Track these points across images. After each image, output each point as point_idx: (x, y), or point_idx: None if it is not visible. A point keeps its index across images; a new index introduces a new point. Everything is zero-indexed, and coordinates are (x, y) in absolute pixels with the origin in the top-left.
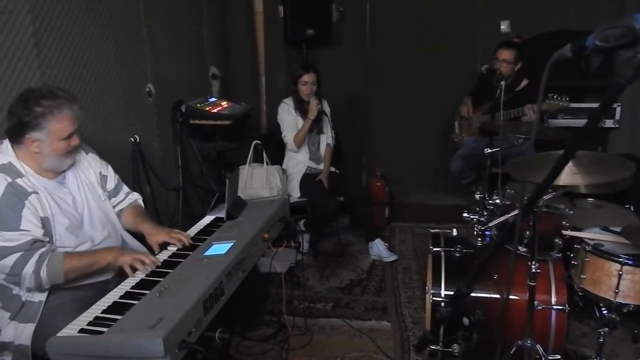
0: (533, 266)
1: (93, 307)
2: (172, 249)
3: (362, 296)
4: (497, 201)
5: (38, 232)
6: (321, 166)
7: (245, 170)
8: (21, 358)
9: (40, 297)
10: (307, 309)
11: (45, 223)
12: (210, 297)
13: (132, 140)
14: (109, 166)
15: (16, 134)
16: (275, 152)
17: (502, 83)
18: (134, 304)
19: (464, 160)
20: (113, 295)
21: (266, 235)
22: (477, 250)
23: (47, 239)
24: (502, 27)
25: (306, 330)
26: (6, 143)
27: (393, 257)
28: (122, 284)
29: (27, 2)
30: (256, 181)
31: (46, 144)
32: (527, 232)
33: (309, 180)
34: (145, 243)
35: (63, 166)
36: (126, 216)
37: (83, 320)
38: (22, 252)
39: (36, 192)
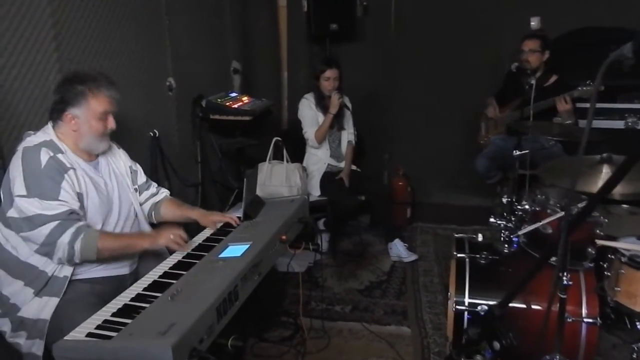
0: (565, 278)
1: (103, 309)
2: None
3: (382, 299)
4: (527, 207)
5: (75, 205)
6: (342, 164)
7: (264, 167)
8: (36, 336)
9: (66, 272)
10: (325, 311)
11: (79, 199)
12: (224, 302)
13: (151, 135)
14: (138, 164)
15: (57, 111)
16: (296, 148)
17: (532, 82)
18: (145, 308)
19: (490, 159)
20: (124, 297)
21: (284, 237)
22: (504, 257)
23: (82, 213)
24: (532, 23)
25: (323, 333)
26: (48, 125)
27: (413, 257)
28: (135, 285)
29: None
30: (275, 179)
31: (83, 121)
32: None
33: (329, 178)
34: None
35: (99, 148)
36: (166, 207)
37: (92, 323)
38: (59, 221)
39: (74, 169)
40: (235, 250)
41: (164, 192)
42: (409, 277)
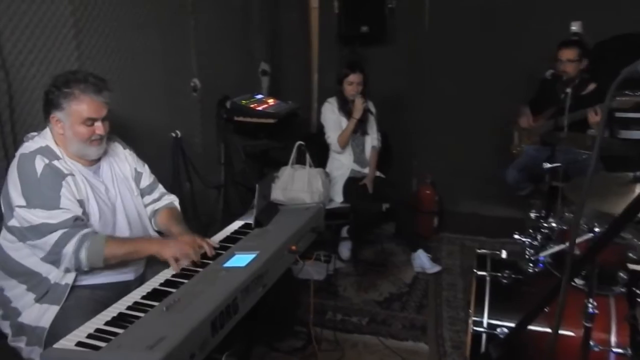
0: (590, 305)
1: (98, 316)
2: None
3: (401, 312)
4: (553, 224)
5: (78, 211)
6: (366, 170)
7: (286, 172)
8: (35, 343)
9: (68, 280)
10: (340, 323)
11: (81, 205)
12: (220, 315)
13: (173, 135)
14: (146, 165)
15: (45, 112)
16: (323, 153)
17: (569, 91)
18: (139, 317)
19: (521, 170)
20: (121, 305)
21: (294, 247)
22: (528, 277)
23: (86, 219)
24: (572, 28)
25: (337, 345)
26: (47, 129)
27: (436, 268)
28: (134, 292)
29: None
30: (297, 183)
31: (67, 126)
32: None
33: (352, 184)
34: None
35: (89, 155)
36: (160, 217)
37: (84, 331)
38: (65, 230)
39: (72, 175)
40: (240, 259)
41: (167, 200)
42: (431, 290)
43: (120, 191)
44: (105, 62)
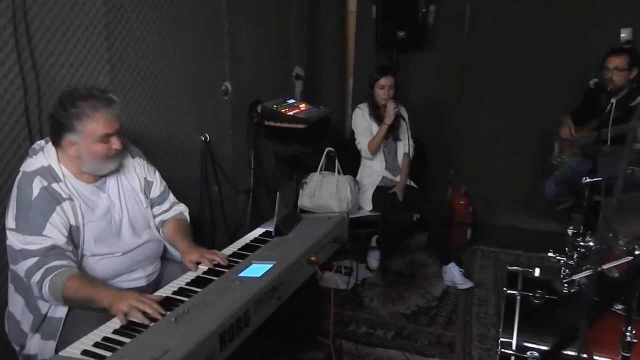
0: (628, 334)
1: (107, 323)
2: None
3: (429, 327)
4: (591, 244)
5: (60, 240)
6: (398, 178)
7: (315, 178)
8: (49, 338)
9: (61, 313)
10: (364, 335)
11: (73, 231)
12: (230, 328)
13: (202, 139)
14: (157, 172)
15: (55, 137)
16: (355, 159)
17: (613, 101)
18: (148, 327)
19: (560, 183)
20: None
21: (313, 258)
22: (562, 298)
23: (70, 248)
24: (622, 35)
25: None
26: (50, 145)
27: (468, 284)
28: None
29: None
30: (325, 190)
31: (83, 146)
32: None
33: (382, 192)
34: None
35: (104, 170)
36: (168, 229)
37: (91, 339)
38: (37, 258)
39: (71, 199)
40: (256, 269)
41: (176, 210)
42: (461, 305)
43: (128, 204)
44: (136, 65)
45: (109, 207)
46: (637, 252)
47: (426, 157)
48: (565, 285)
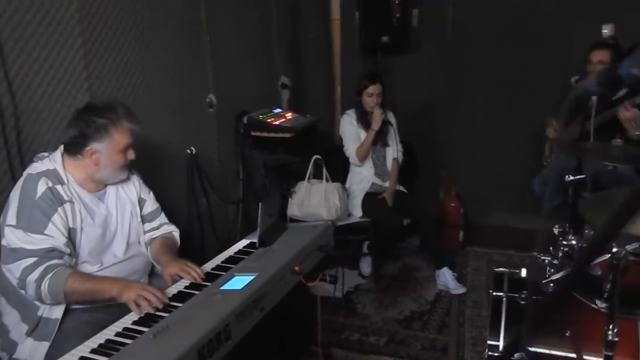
0: (610, 332)
1: (86, 343)
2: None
3: (422, 332)
4: (573, 242)
5: (60, 241)
6: (387, 183)
7: (303, 187)
8: None
9: (57, 314)
10: (357, 343)
11: (72, 234)
12: (209, 343)
13: (188, 152)
14: (151, 193)
15: (77, 146)
16: (345, 166)
17: (594, 98)
18: (125, 345)
19: (547, 181)
20: (110, 331)
21: (297, 268)
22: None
23: (69, 251)
24: (604, 31)
25: None
26: (57, 152)
27: (461, 290)
28: (125, 317)
29: (76, 13)
30: (314, 198)
31: (105, 156)
32: (608, 285)
33: (371, 198)
34: None
35: (116, 179)
36: (154, 246)
37: (66, 359)
38: (36, 258)
39: (72, 202)
40: (238, 282)
41: (165, 230)
42: (454, 309)
43: (124, 216)
44: (116, 81)
45: (106, 217)
46: (614, 250)
47: (417, 160)
48: (552, 285)
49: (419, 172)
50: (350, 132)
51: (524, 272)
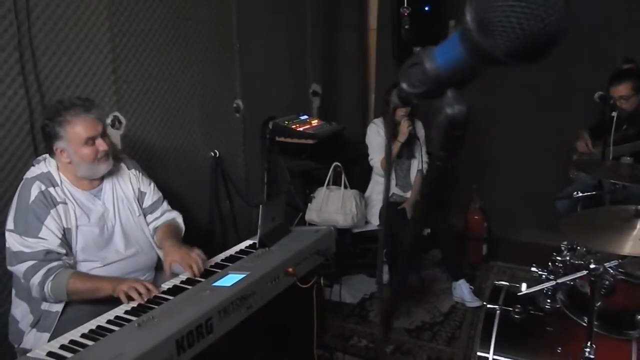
0: (587, 349)
1: (78, 328)
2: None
3: (430, 343)
4: (567, 258)
5: (54, 243)
6: (408, 194)
7: (322, 193)
8: None
9: (58, 307)
10: (364, 349)
11: (67, 234)
12: (188, 334)
13: (212, 154)
14: (152, 184)
15: (48, 149)
16: (365, 173)
17: (614, 114)
18: (113, 331)
19: (572, 199)
20: (102, 318)
21: (290, 270)
22: (544, 313)
23: (64, 252)
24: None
25: None
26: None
27: (477, 303)
28: (119, 307)
29: (106, 20)
30: (331, 205)
31: (72, 152)
32: (599, 303)
33: (391, 208)
34: None
35: (98, 173)
36: (159, 234)
37: (59, 342)
38: (35, 261)
39: (65, 203)
40: (230, 279)
41: (168, 217)
42: (467, 322)
43: (120, 212)
44: (143, 85)
45: (103, 214)
46: (592, 267)
47: (448, 173)
48: (548, 301)
49: (451, 185)
50: (376, 142)
51: (524, 287)
